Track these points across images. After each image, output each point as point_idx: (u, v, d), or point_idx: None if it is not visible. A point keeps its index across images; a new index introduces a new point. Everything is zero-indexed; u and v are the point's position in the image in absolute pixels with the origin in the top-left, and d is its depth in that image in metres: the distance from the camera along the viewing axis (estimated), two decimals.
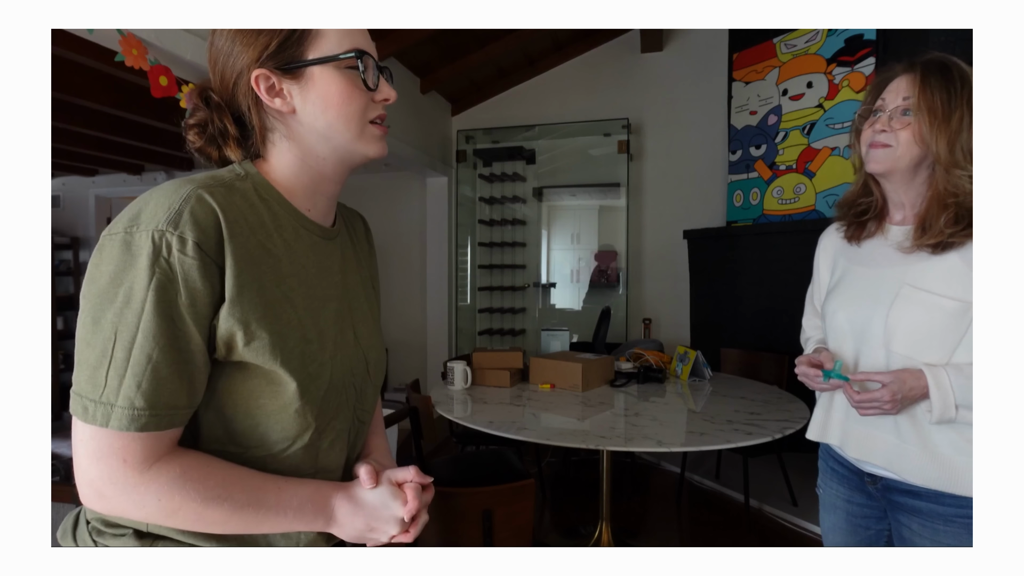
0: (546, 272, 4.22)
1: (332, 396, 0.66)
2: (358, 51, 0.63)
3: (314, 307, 0.64)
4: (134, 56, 1.68)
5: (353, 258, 0.76)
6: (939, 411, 0.86)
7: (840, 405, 1.02)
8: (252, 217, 0.60)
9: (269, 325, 0.58)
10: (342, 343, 0.68)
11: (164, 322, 0.52)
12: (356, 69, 0.63)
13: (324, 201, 0.69)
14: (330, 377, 0.65)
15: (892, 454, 0.94)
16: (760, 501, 2.68)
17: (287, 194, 0.65)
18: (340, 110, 0.63)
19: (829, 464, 1.10)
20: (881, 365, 0.94)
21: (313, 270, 0.66)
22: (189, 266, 0.53)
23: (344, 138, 0.64)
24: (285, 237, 0.63)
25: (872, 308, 0.95)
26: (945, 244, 0.88)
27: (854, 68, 2.75)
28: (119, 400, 0.52)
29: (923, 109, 0.88)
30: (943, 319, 0.88)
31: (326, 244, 0.69)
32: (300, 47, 0.62)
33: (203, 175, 0.60)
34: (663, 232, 3.83)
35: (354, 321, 0.72)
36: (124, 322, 0.52)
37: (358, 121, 0.64)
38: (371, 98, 0.66)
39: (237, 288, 0.56)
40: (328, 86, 0.62)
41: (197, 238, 0.53)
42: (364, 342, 0.73)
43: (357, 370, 0.71)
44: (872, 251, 1.01)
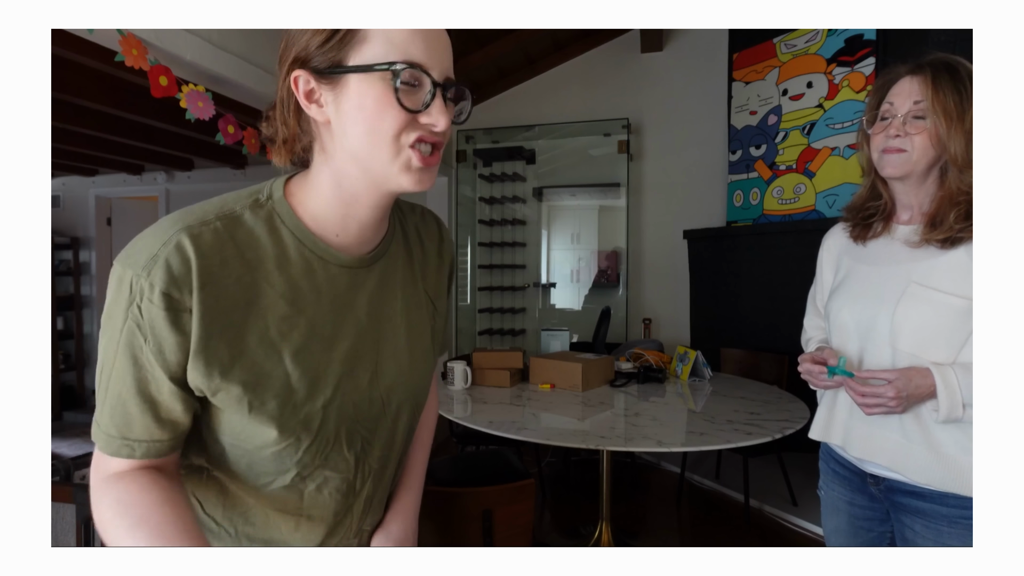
0: (546, 272, 4.22)
1: (321, 445, 0.62)
2: (401, 63, 0.55)
3: (314, 349, 0.60)
4: (134, 56, 1.68)
5: (403, 280, 0.69)
6: (946, 410, 0.86)
7: (843, 404, 1.01)
8: (251, 254, 0.57)
9: (240, 376, 0.56)
10: (349, 388, 0.63)
11: (131, 365, 0.54)
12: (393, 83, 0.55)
13: (357, 227, 0.62)
14: (320, 426, 0.61)
15: (897, 454, 0.93)
16: (760, 501, 2.68)
17: (314, 218, 0.61)
18: (370, 125, 0.55)
19: (830, 466, 1.10)
20: (887, 363, 0.93)
21: (326, 307, 0.61)
22: (155, 314, 0.53)
23: (374, 160, 0.57)
24: (291, 273, 0.59)
25: (878, 306, 0.95)
26: (954, 239, 0.89)
27: (854, 68, 2.75)
28: (103, 424, 0.56)
29: (938, 112, 0.88)
30: (950, 317, 0.88)
31: (353, 273, 0.63)
32: (341, 50, 0.55)
33: (216, 202, 0.59)
34: (663, 232, 3.83)
35: (379, 358, 0.66)
36: (107, 355, 0.55)
37: (390, 142, 0.56)
38: (414, 118, 0.56)
39: (203, 339, 0.54)
40: (362, 97, 0.55)
41: (165, 287, 0.52)
42: (386, 382, 0.67)
43: (366, 416, 0.66)
44: (878, 250, 1.01)
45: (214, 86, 2.07)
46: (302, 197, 0.61)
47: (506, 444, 2.44)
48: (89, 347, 5.00)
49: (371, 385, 0.65)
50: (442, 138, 0.59)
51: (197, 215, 0.56)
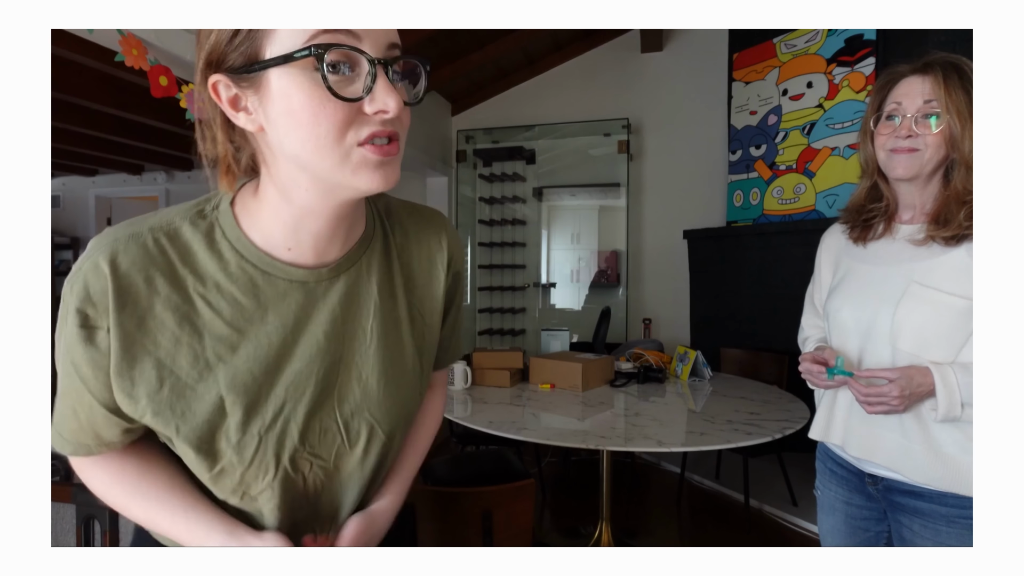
0: (546, 272, 4.22)
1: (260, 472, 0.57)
2: (317, 46, 0.44)
3: (255, 372, 0.55)
4: (134, 56, 1.68)
5: (379, 293, 0.61)
6: (944, 409, 0.86)
7: (843, 404, 1.01)
8: (186, 269, 0.53)
9: (168, 400, 0.53)
10: (296, 414, 0.57)
11: (65, 375, 0.54)
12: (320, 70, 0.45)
13: (312, 239, 0.55)
14: (255, 454, 0.56)
15: (896, 453, 0.93)
16: (760, 501, 2.68)
17: (261, 230, 0.54)
18: (306, 129, 0.46)
19: (828, 465, 1.10)
20: (887, 362, 0.93)
21: (272, 326, 0.55)
22: (71, 331, 0.51)
23: (320, 167, 0.48)
24: (231, 290, 0.54)
25: (878, 305, 0.95)
26: (960, 236, 0.89)
27: (854, 68, 2.75)
28: (56, 425, 0.57)
29: (952, 112, 0.87)
30: (951, 317, 0.88)
31: (309, 289, 0.56)
32: (254, 42, 0.46)
33: (161, 213, 0.55)
34: (663, 232, 3.82)
35: (339, 381, 0.59)
36: (58, 367, 0.54)
37: (335, 144, 0.47)
38: (358, 109, 0.47)
39: (122, 361, 0.51)
40: (288, 97, 0.46)
41: (80, 304, 0.50)
42: (347, 407, 0.59)
43: (318, 443, 0.59)
44: (879, 250, 1.00)
45: None
46: (250, 207, 0.55)
47: (506, 444, 2.44)
48: None
49: (324, 411, 0.58)
50: (398, 127, 0.50)
51: (131, 228, 0.53)
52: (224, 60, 0.48)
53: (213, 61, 0.49)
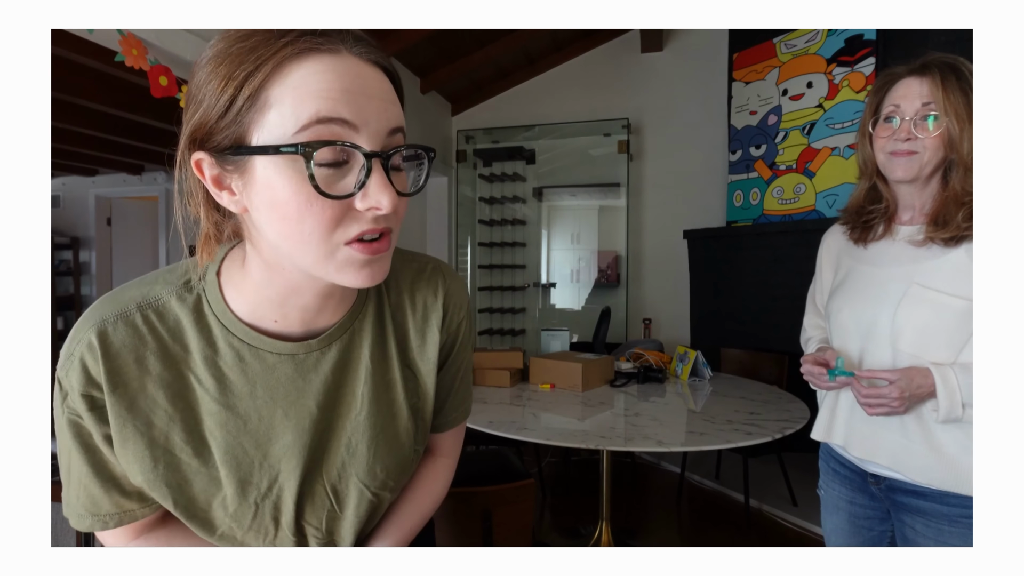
0: (546, 272, 4.22)
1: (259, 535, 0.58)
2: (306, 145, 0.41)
3: (246, 446, 0.54)
4: (134, 56, 1.68)
5: (373, 357, 0.59)
6: (945, 410, 0.86)
7: (845, 404, 1.01)
8: (176, 346, 0.52)
9: (165, 475, 0.53)
10: (289, 483, 0.56)
11: (83, 452, 0.53)
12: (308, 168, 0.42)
13: (299, 313, 0.53)
14: (253, 520, 0.56)
15: (897, 453, 0.93)
16: (760, 501, 2.68)
17: (247, 303, 0.53)
18: (291, 226, 0.44)
19: (831, 465, 1.10)
20: (887, 363, 0.93)
21: (262, 400, 0.54)
22: (82, 412, 0.51)
23: (304, 261, 0.46)
24: (219, 365, 0.53)
25: (878, 307, 0.95)
26: (959, 237, 0.89)
27: (854, 68, 2.75)
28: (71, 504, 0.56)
29: (950, 113, 0.87)
30: (951, 318, 0.88)
31: (299, 361, 0.55)
32: (242, 124, 0.43)
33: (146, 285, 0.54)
34: (663, 232, 3.83)
35: (328, 449, 0.58)
36: (62, 444, 0.54)
37: (320, 242, 0.44)
38: (348, 205, 0.44)
39: (120, 440, 0.52)
40: (272, 189, 0.43)
41: (83, 388, 0.50)
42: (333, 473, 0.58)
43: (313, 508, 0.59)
44: (879, 251, 1.00)
45: None
46: (236, 279, 0.53)
47: (506, 444, 2.44)
48: None
49: (315, 479, 0.58)
50: (392, 222, 0.47)
51: (117, 305, 0.52)
52: (209, 138, 0.45)
53: (198, 138, 0.46)
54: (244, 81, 0.42)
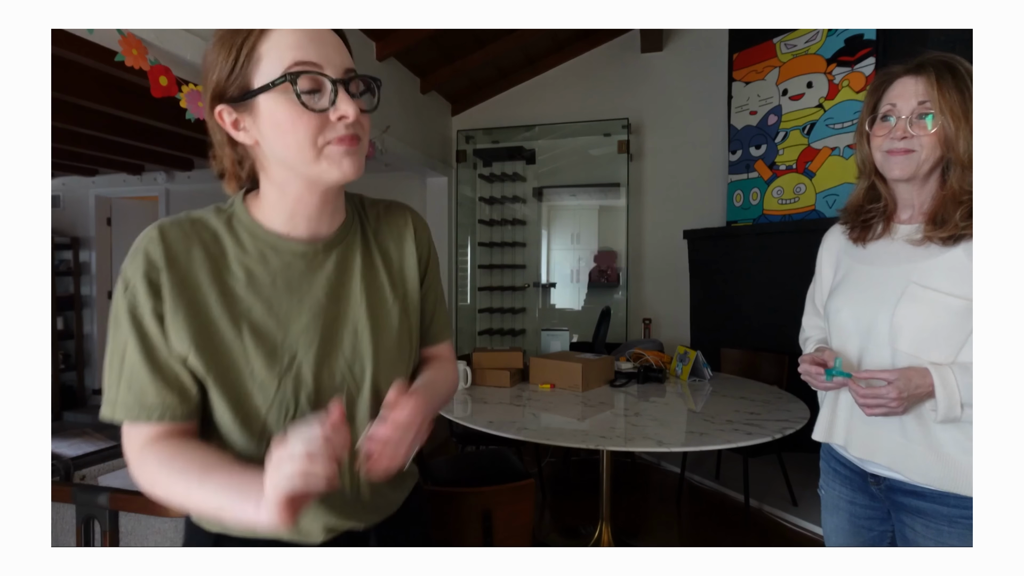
0: (546, 272, 4.22)
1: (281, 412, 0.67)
2: (291, 74, 0.60)
3: (270, 326, 0.67)
4: (134, 56, 1.68)
5: (362, 266, 0.75)
6: (944, 410, 0.86)
7: (845, 405, 1.01)
8: (214, 247, 0.67)
9: (206, 344, 0.64)
10: (306, 359, 0.68)
11: (137, 340, 0.63)
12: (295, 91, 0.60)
13: (305, 220, 0.70)
14: (276, 393, 0.67)
15: (897, 453, 0.93)
16: (760, 501, 2.68)
17: (266, 217, 0.69)
18: (288, 136, 0.62)
19: (831, 465, 1.10)
20: (886, 363, 0.93)
21: (281, 289, 0.69)
22: (142, 294, 0.63)
23: (301, 165, 0.64)
24: (247, 262, 0.68)
25: (877, 306, 0.95)
26: (957, 236, 0.89)
27: (854, 68, 2.75)
28: (119, 399, 0.63)
29: (946, 112, 0.87)
30: (949, 318, 0.88)
31: (308, 259, 0.70)
32: (245, 77, 0.61)
33: (188, 213, 0.69)
34: (663, 232, 3.82)
35: (340, 334, 0.71)
36: (117, 337, 0.64)
37: (310, 146, 0.62)
38: (325, 119, 0.62)
39: (173, 310, 0.64)
40: (273, 114, 0.61)
41: (145, 269, 0.63)
42: (346, 355, 0.71)
43: (328, 386, 0.70)
44: (878, 250, 1.00)
45: None
46: (256, 203, 0.71)
47: (506, 444, 2.44)
48: (89, 347, 5.00)
49: (330, 358, 0.70)
50: (358, 130, 0.64)
51: (171, 219, 0.67)
52: (225, 93, 0.63)
53: (216, 95, 0.63)
54: (241, 46, 0.61)
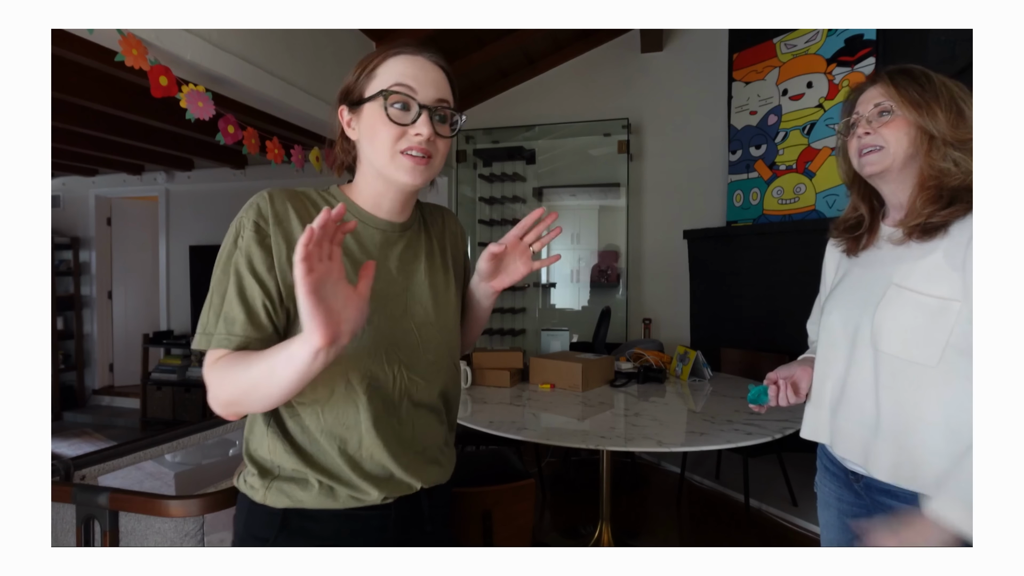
0: (546, 272, 4.22)
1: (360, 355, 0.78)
2: (386, 91, 0.76)
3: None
4: (134, 56, 1.67)
5: (425, 250, 0.90)
6: None
7: (827, 402, 1.03)
8: (313, 213, 0.80)
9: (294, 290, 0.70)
10: (381, 316, 0.80)
11: (236, 279, 0.73)
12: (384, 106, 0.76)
13: (388, 204, 0.84)
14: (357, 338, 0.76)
15: (869, 451, 0.94)
16: (760, 501, 2.68)
17: (358, 199, 0.84)
18: (374, 139, 0.78)
19: (823, 462, 1.11)
20: (869, 366, 0.94)
21: (364, 256, 0.82)
22: (249, 238, 0.74)
23: (379, 163, 0.79)
24: None
25: (862, 308, 0.96)
26: (926, 227, 0.89)
27: (854, 68, 2.75)
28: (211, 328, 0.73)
29: (904, 104, 0.91)
30: (925, 317, 0.88)
31: (386, 235, 0.85)
32: (362, 87, 0.79)
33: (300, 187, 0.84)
34: (663, 232, 3.82)
35: (407, 301, 0.85)
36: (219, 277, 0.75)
37: (386, 150, 0.77)
38: (404, 131, 0.77)
39: (273, 258, 0.75)
40: (370, 118, 0.78)
41: (256, 218, 0.76)
42: (416, 319, 0.85)
43: (402, 342, 0.82)
44: (869, 254, 1.02)
45: (214, 86, 2.07)
46: (350, 189, 0.87)
47: (506, 444, 2.44)
48: (89, 347, 5.00)
49: (402, 318, 0.83)
50: (428, 147, 0.79)
51: (279, 189, 0.80)
52: (346, 97, 0.82)
53: (342, 96, 0.82)
54: (367, 63, 0.80)
